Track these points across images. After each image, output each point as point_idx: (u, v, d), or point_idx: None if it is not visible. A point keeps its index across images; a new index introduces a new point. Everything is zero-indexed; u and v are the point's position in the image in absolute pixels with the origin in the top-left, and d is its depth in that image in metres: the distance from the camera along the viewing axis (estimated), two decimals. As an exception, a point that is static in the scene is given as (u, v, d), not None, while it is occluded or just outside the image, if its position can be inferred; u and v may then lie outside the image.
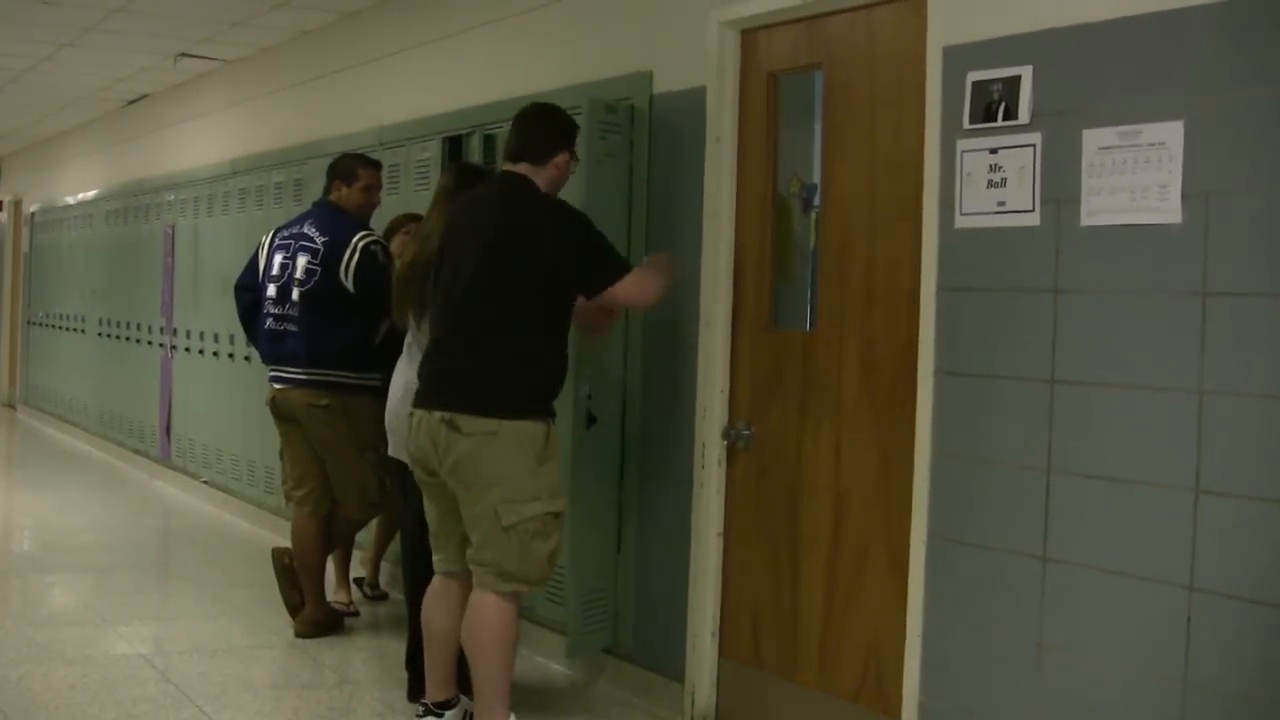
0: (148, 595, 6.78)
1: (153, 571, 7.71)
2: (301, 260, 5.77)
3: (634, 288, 4.31)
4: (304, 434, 5.84)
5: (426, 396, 4.26)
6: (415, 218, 6.06)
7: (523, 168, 4.32)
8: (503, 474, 4.12)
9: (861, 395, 4.23)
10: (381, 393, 5.70)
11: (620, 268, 4.29)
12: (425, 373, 4.33)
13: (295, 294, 5.77)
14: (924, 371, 3.91)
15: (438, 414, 4.16)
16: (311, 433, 5.81)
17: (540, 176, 4.33)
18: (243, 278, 6.11)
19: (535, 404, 4.20)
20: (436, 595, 4.45)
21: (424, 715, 4.47)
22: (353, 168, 5.94)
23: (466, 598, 4.35)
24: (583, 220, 4.33)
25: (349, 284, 5.65)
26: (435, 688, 4.48)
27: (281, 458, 6.07)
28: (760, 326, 4.65)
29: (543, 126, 4.40)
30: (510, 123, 4.45)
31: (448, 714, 4.46)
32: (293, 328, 5.79)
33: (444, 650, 4.44)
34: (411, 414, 4.34)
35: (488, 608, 4.19)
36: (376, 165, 6.07)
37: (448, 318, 4.28)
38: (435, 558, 4.44)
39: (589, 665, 5.28)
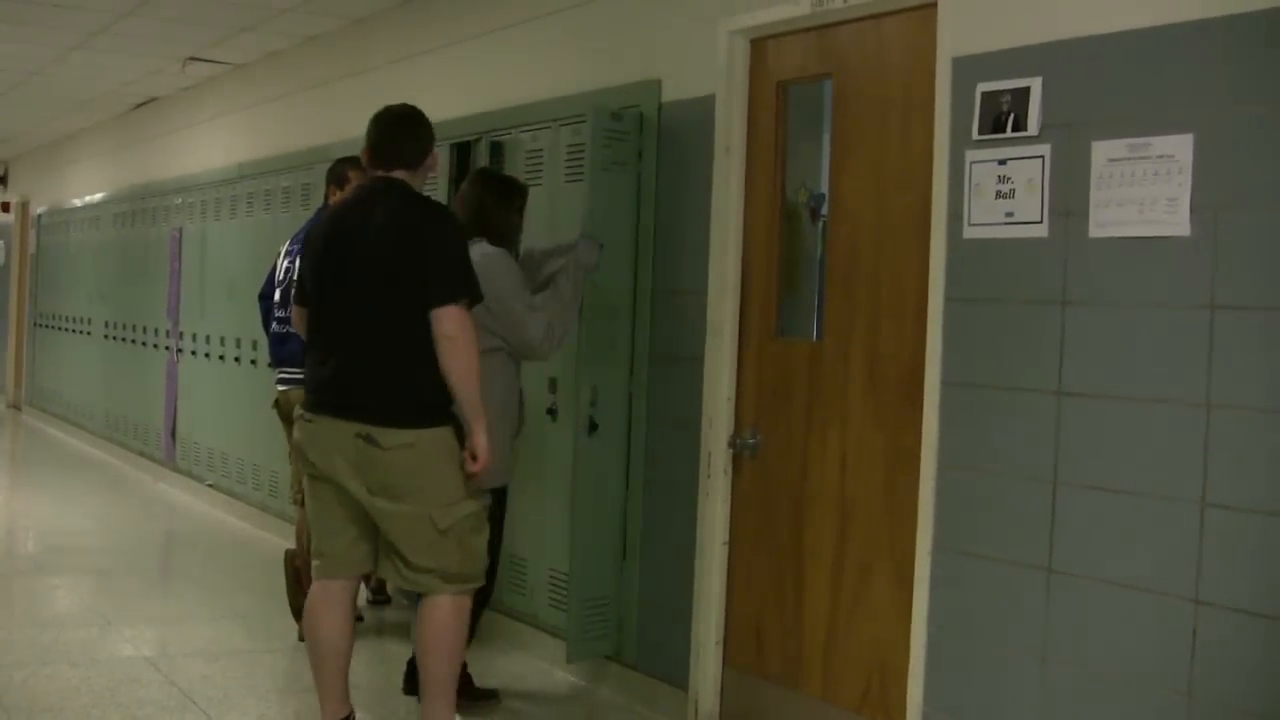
0: (152, 598, 6.78)
1: (157, 574, 7.71)
2: (300, 263, 5.81)
3: (458, 324, 4.02)
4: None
5: (330, 407, 4.12)
6: None
7: (398, 173, 4.24)
8: (431, 479, 4.06)
9: (868, 405, 4.23)
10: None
11: (465, 294, 4.07)
12: (320, 381, 4.19)
13: (294, 296, 5.81)
14: (931, 382, 3.91)
15: (350, 428, 4.05)
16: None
17: (416, 181, 4.28)
18: (264, 287, 6.21)
19: (443, 410, 4.11)
20: (324, 604, 4.26)
21: None
22: (343, 171, 5.97)
23: (353, 601, 4.34)
24: (454, 231, 4.22)
25: None
26: (336, 704, 4.30)
27: (290, 460, 6.08)
28: (767, 335, 4.65)
29: (408, 132, 4.30)
30: (376, 125, 4.32)
31: None
32: (292, 329, 5.82)
33: (340, 662, 4.28)
34: (307, 418, 4.19)
35: (446, 610, 4.15)
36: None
37: (341, 327, 4.15)
38: (316, 562, 4.28)
39: (593, 672, 5.28)
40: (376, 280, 4.08)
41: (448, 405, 4.12)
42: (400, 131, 4.30)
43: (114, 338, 11.73)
